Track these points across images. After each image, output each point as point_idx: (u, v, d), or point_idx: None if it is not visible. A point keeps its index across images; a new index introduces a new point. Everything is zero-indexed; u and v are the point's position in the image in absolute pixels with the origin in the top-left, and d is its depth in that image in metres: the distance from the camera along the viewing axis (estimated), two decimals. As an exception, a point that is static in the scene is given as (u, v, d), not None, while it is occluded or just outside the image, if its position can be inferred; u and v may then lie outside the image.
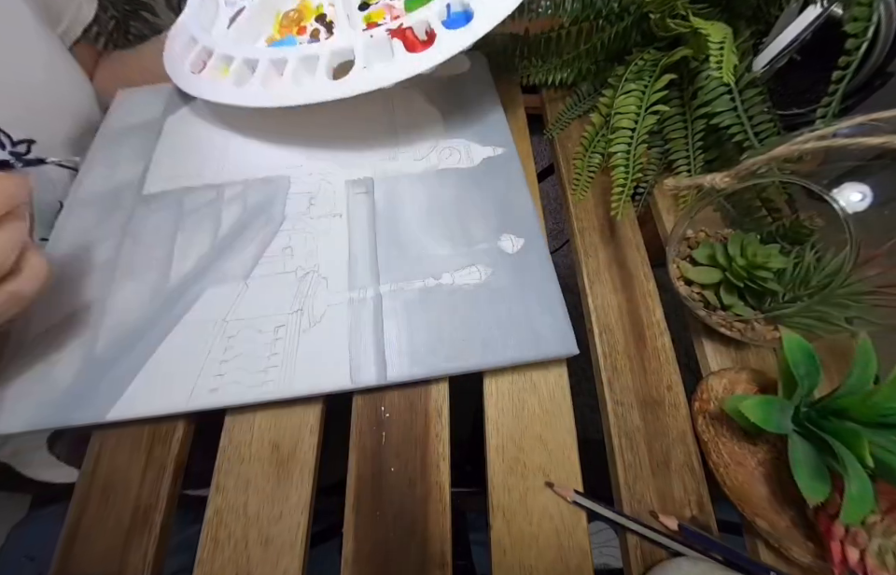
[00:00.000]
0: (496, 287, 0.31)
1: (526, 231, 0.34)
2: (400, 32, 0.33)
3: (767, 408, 0.25)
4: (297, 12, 0.41)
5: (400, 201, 0.35)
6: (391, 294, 0.31)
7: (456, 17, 0.34)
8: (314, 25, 0.39)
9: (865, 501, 0.21)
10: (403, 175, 0.37)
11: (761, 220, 0.34)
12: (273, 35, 0.40)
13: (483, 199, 0.35)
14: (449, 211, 0.35)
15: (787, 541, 0.25)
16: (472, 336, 0.29)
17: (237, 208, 0.35)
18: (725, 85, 0.34)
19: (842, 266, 0.27)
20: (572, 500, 0.27)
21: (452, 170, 0.37)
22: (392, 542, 0.26)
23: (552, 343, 0.29)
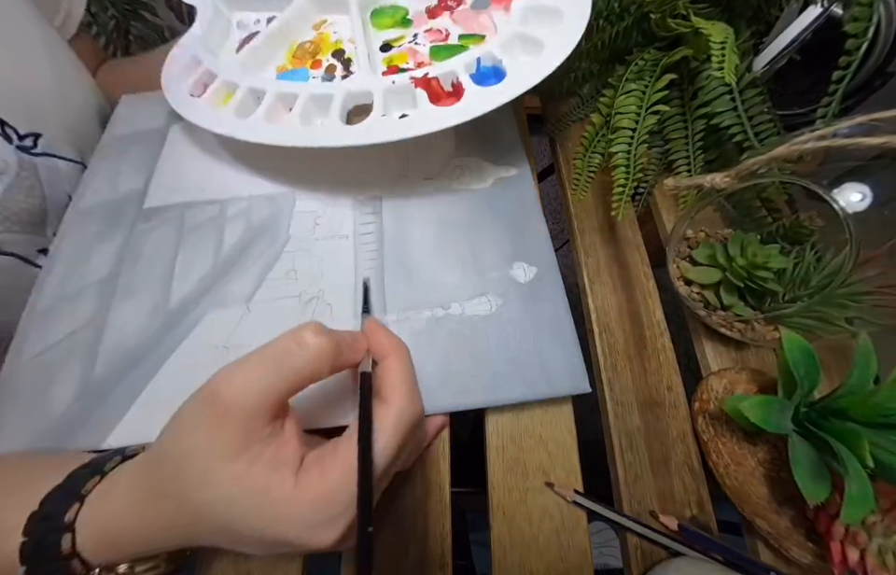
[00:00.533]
0: (507, 319, 0.30)
1: (540, 259, 0.33)
2: (425, 81, 0.32)
3: (767, 408, 0.25)
4: (313, 44, 0.38)
5: (409, 222, 0.34)
6: (397, 323, 0.30)
7: (486, 71, 0.33)
8: (330, 60, 0.37)
9: (865, 501, 0.21)
10: (413, 194, 0.35)
11: (761, 220, 0.34)
12: (285, 64, 0.38)
13: (494, 223, 0.34)
14: (459, 235, 0.33)
15: (787, 541, 0.25)
16: (481, 372, 0.28)
17: (240, 226, 0.34)
18: (726, 85, 0.34)
19: (842, 266, 0.27)
20: (572, 500, 0.27)
21: (463, 191, 0.36)
22: (392, 543, 0.26)
23: (563, 382, 0.28)
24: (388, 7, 0.40)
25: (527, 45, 0.33)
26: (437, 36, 0.37)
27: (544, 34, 0.32)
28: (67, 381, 0.28)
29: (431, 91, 0.32)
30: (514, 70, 0.31)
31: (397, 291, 0.31)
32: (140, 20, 0.58)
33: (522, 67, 0.31)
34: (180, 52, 0.39)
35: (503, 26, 0.35)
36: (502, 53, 0.32)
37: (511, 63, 0.32)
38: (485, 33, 0.36)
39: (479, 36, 0.36)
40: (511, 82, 0.30)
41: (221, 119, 0.34)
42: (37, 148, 0.36)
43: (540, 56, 0.31)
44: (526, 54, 0.33)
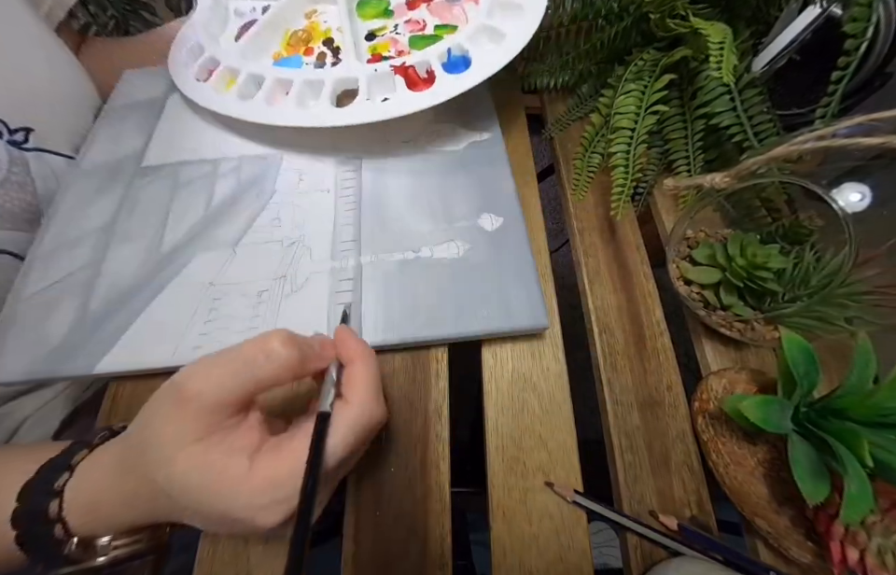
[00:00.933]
0: (473, 262, 0.32)
1: (506, 210, 0.34)
2: (403, 69, 0.35)
3: (767, 408, 0.25)
4: (305, 32, 0.42)
5: (386, 178, 0.37)
6: (371, 264, 0.32)
7: (456, 61, 0.36)
8: (321, 48, 0.40)
9: (865, 501, 0.21)
10: (391, 154, 0.38)
11: (760, 220, 0.34)
12: (281, 51, 0.41)
13: (466, 179, 0.36)
14: (433, 189, 0.36)
15: (786, 541, 0.25)
16: (446, 307, 0.30)
17: (231, 181, 0.37)
18: (725, 85, 0.34)
19: (841, 266, 0.27)
20: (572, 500, 0.27)
21: (438, 151, 0.38)
22: (392, 543, 0.26)
23: (523, 317, 0.30)
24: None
25: (492, 35, 0.37)
26: (415, 27, 0.41)
27: (506, 26, 0.36)
28: (64, 314, 0.30)
29: (409, 78, 0.35)
30: (479, 58, 0.35)
31: (372, 237, 0.33)
32: (140, 19, 0.58)
33: (486, 55, 0.35)
34: (184, 38, 0.43)
35: (472, 17, 0.39)
36: (469, 44, 0.36)
37: (477, 52, 0.36)
38: (457, 23, 0.40)
39: (452, 27, 0.40)
40: (476, 69, 0.34)
41: (226, 102, 0.37)
42: (29, 143, 0.36)
43: (502, 45, 0.35)
44: (491, 43, 0.37)
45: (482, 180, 0.36)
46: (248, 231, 0.34)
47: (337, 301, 0.30)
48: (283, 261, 0.32)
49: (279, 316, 0.30)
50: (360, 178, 0.36)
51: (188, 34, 0.43)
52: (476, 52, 0.35)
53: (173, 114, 0.41)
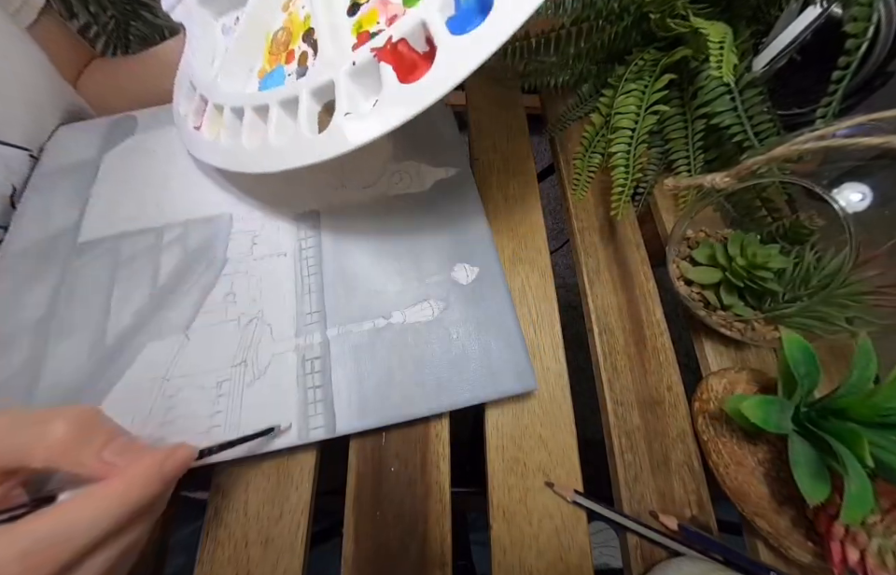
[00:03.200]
0: (449, 323, 0.30)
1: (481, 258, 0.32)
2: (389, 51, 0.23)
3: (767, 408, 0.25)
4: (285, 32, 0.32)
5: (348, 235, 0.33)
6: (339, 338, 0.29)
7: (468, 9, 0.23)
8: (301, 48, 0.30)
9: (865, 501, 0.21)
10: (351, 205, 0.35)
11: (761, 220, 0.34)
12: (264, 66, 0.33)
13: (435, 226, 0.33)
14: (399, 242, 0.33)
15: (787, 541, 0.25)
16: (426, 379, 0.28)
17: (177, 252, 0.33)
18: (725, 85, 0.34)
19: (842, 266, 0.27)
20: (572, 500, 0.27)
21: (402, 196, 0.35)
22: (392, 542, 0.26)
23: (509, 381, 0.28)
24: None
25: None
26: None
27: None
28: None
29: (401, 61, 0.24)
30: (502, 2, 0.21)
31: (337, 306, 0.30)
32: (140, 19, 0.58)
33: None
34: (181, 80, 0.38)
35: None
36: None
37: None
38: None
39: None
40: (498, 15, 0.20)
41: (217, 149, 0.32)
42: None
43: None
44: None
45: (452, 225, 0.33)
46: (201, 312, 0.30)
47: (306, 384, 0.28)
48: (241, 344, 0.29)
49: (242, 409, 0.27)
50: (320, 237, 0.33)
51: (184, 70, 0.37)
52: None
53: (108, 176, 0.37)
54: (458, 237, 0.33)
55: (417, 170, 0.36)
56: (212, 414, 0.27)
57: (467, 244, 0.33)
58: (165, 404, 0.27)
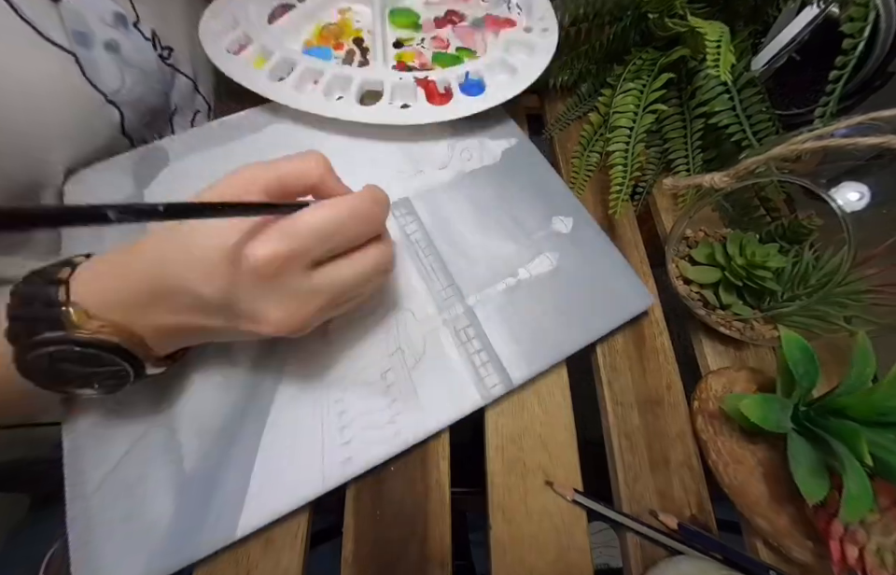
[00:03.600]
0: (569, 269, 0.32)
1: (570, 208, 0.35)
2: (425, 82, 0.38)
3: (766, 407, 0.25)
4: (337, 27, 0.44)
5: (446, 212, 0.35)
6: (479, 304, 0.31)
7: (472, 84, 0.39)
8: (350, 46, 0.42)
9: (864, 500, 0.21)
10: (435, 187, 0.36)
11: (759, 220, 0.34)
12: (312, 40, 0.43)
13: (521, 190, 0.36)
14: (495, 209, 0.35)
15: (786, 540, 0.25)
16: (570, 317, 0.30)
17: None
18: (723, 84, 0.34)
19: (840, 265, 0.27)
20: (572, 500, 0.27)
21: (480, 169, 0.38)
22: (392, 542, 0.26)
23: (636, 302, 0.31)
24: (404, 9, 0.46)
25: (506, 68, 0.40)
26: (439, 44, 0.44)
27: (519, 61, 0.39)
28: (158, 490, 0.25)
29: (428, 91, 0.38)
30: (493, 86, 0.39)
31: (464, 276, 0.32)
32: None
33: (499, 85, 0.39)
34: (218, 11, 0.42)
35: (491, 48, 0.42)
36: (486, 71, 0.39)
37: (491, 80, 0.39)
38: (477, 50, 0.43)
39: (472, 52, 0.43)
40: (489, 94, 0.38)
41: (255, 79, 0.38)
42: (170, 60, 0.40)
43: (514, 77, 0.39)
44: (504, 74, 0.40)
45: (534, 186, 0.36)
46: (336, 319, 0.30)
47: (468, 351, 0.29)
48: (388, 333, 0.29)
49: (418, 393, 0.28)
50: (419, 220, 0.34)
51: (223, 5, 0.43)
52: (490, 80, 0.39)
53: None
54: (544, 195, 0.36)
55: (481, 144, 0.39)
56: (389, 404, 0.27)
57: (552, 199, 0.36)
58: (335, 409, 0.27)
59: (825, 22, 0.38)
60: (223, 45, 0.40)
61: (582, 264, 0.32)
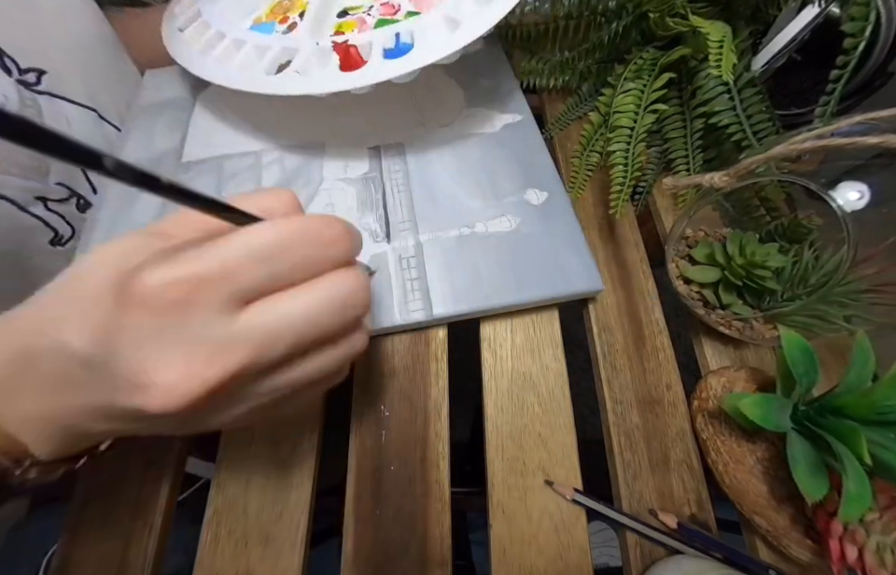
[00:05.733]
0: (525, 234, 0.33)
1: (549, 185, 0.36)
2: (344, 47, 0.33)
3: (766, 406, 0.25)
4: (290, 2, 0.39)
5: (431, 162, 0.37)
6: (430, 242, 0.33)
7: (402, 47, 0.33)
8: (295, 19, 0.38)
9: (863, 499, 0.21)
10: (432, 139, 0.39)
11: (759, 219, 0.34)
12: (261, 16, 0.39)
13: (506, 158, 0.38)
14: (477, 169, 0.37)
15: (785, 539, 0.25)
16: (507, 277, 0.31)
17: (276, 171, 0.37)
18: (724, 84, 0.34)
19: (840, 265, 0.27)
20: (572, 499, 0.27)
21: (476, 134, 0.39)
22: (392, 542, 0.26)
23: (580, 281, 0.32)
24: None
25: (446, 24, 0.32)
26: (388, 10, 0.36)
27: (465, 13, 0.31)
28: None
29: (348, 58, 0.33)
30: (422, 47, 0.31)
31: (426, 215, 0.34)
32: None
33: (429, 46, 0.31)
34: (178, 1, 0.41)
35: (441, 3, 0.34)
36: (419, 31, 0.32)
37: (423, 40, 0.32)
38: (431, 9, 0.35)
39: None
40: (411, 58, 0.31)
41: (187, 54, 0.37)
42: (41, 86, 0.34)
43: (454, 34, 0.31)
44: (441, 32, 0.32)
45: (521, 158, 0.38)
46: None
47: (403, 278, 0.31)
48: None
49: None
50: (406, 163, 0.37)
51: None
52: (422, 40, 0.32)
53: (205, 109, 0.42)
54: (527, 167, 0.37)
55: (488, 115, 0.41)
56: None
57: (535, 173, 0.37)
58: None
59: (825, 22, 0.38)
60: (176, 24, 0.39)
61: (540, 234, 0.33)
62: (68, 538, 0.26)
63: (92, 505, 0.27)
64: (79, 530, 0.26)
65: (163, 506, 0.27)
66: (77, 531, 0.26)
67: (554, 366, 0.31)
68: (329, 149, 0.38)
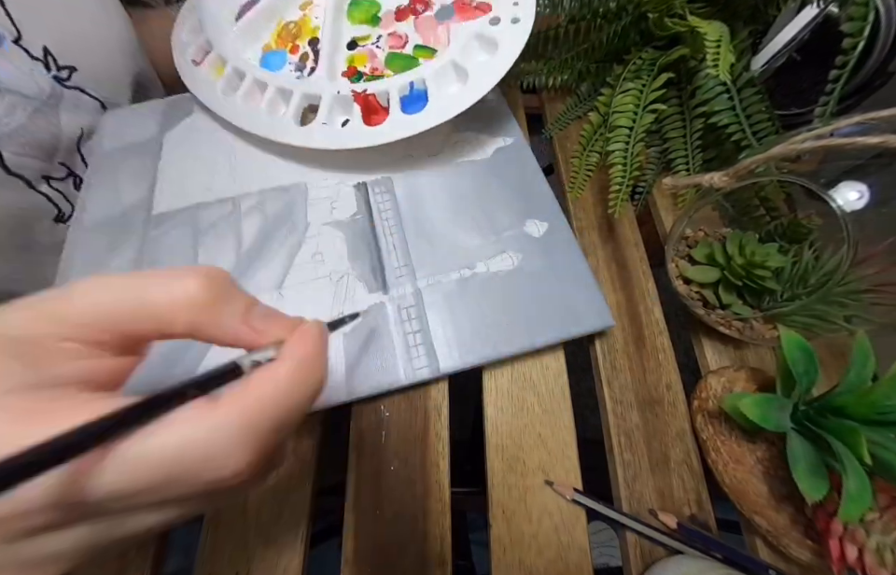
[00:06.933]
0: (529, 271, 0.32)
1: (548, 214, 0.34)
2: (363, 97, 0.34)
3: (766, 406, 0.25)
4: (297, 27, 0.39)
5: (422, 196, 0.35)
6: (429, 288, 0.31)
7: (417, 95, 0.34)
8: (305, 48, 0.38)
9: (863, 499, 0.21)
10: (421, 170, 0.37)
11: (759, 219, 0.34)
12: (270, 43, 0.39)
13: (501, 188, 0.36)
14: (471, 202, 0.35)
15: (785, 539, 0.25)
16: (515, 319, 0.30)
17: (257, 219, 0.34)
18: (723, 84, 0.34)
19: (840, 264, 0.27)
20: (572, 499, 0.27)
21: (467, 162, 0.37)
22: (392, 542, 0.26)
23: (591, 319, 0.30)
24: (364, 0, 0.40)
25: (457, 73, 0.34)
26: (396, 42, 0.38)
27: (475, 64, 0.33)
28: None
29: (367, 106, 0.34)
30: (436, 99, 0.33)
31: (423, 258, 0.32)
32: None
33: (444, 98, 0.33)
34: (186, 16, 0.41)
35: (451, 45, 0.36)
36: (432, 80, 0.33)
37: (437, 91, 0.33)
38: (438, 47, 0.37)
39: (431, 50, 0.36)
40: (428, 113, 0.33)
41: (213, 94, 0.37)
42: (71, 81, 0.37)
43: (465, 87, 0.33)
44: (453, 83, 0.34)
45: (517, 186, 0.36)
46: (290, 271, 0.31)
47: (405, 330, 0.29)
48: (336, 297, 0.30)
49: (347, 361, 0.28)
50: (395, 199, 0.35)
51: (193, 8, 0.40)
52: (436, 91, 0.33)
53: (174, 152, 0.38)
54: (524, 196, 0.35)
55: (478, 140, 0.39)
56: None
57: (533, 202, 0.35)
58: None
59: (825, 22, 0.38)
60: (189, 55, 0.38)
61: (544, 270, 0.32)
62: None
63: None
64: (80, 530, 0.26)
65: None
66: (78, 531, 0.26)
67: (554, 366, 0.31)
68: (312, 190, 0.36)
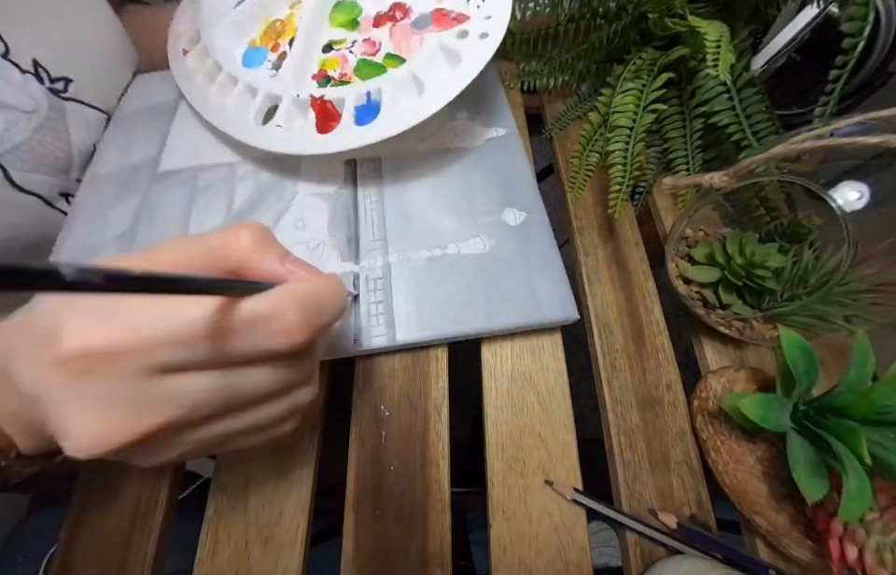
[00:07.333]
0: (499, 257, 0.32)
1: (528, 204, 0.35)
2: (320, 103, 0.33)
3: (766, 406, 0.25)
4: (282, 25, 0.40)
5: (407, 178, 0.36)
6: (399, 263, 0.32)
7: (372, 106, 0.33)
8: (285, 47, 0.38)
9: (863, 499, 0.21)
10: (410, 153, 0.37)
11: (759, 219, 0.34)
12: (256, 39, 0.40)
13: (486, 175, 0.36)
14: (454, 187, 0.36)
15: (785, 539, 0.25)
16: (477, 302, 0.30)
17: (250, 184, 0.36)
18: (723, 84, 0.34)
19: (840, 264, 0.27)
20: (572, 499, 0.27)
21: (456, 149, 0.38)
22: (392, 542, 0.26)
23: (553, 309, 0.30)
24: (348, 3, 0.41)
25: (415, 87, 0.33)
26: (369, 49, 0.38)
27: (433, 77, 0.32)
28: None
29: (324, 113, 0.33)
30: (388, 112, 0.32)
31: (397, 235, 0.33)
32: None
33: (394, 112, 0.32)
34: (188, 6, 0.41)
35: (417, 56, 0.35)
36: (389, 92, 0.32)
37: (391, 104, 0.32)
38: (409, 57, 0.36)
39: (401, 59, 0.36)
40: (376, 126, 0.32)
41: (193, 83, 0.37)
42: (68, 93, 0.36)
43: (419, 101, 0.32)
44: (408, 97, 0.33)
45: (502, 175, 0.36)
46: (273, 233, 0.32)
47: (368, 300, 0.30)
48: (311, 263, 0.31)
49: None
50: (381, 178, 0.36)
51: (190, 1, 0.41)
52: (390, 104, 0.32)
53: (185, 118, 0.40)
54: (507, 186, 0.36)
55: (471, 128, 0.39)
56: None
57: (514, 191, 0.35)
58: None
59: (825, 22, 0.38)
60: (181, 45, 0.39)
61: (514, 258, 0.32)
62: (68, 538, 0.26)
63: (93, 505, 0.27)
64: (79, 530, 0.26)
65: (163, 505, 0.27)
66: (77, 531, 0.26)
67: (554, 366, 0.31)
68: (305, 163, 0.37)
